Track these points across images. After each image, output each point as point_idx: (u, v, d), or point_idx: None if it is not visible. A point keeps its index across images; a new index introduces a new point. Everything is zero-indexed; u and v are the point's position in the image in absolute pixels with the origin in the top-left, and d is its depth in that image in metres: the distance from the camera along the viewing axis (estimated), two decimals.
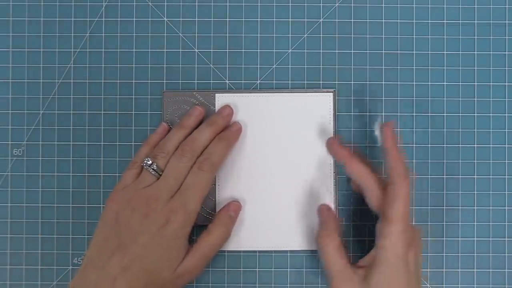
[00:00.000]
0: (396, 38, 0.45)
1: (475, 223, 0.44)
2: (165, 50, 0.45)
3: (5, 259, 0.44)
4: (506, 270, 0.44)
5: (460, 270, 0.44)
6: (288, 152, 0.44)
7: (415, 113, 0.45)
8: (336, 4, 0.45)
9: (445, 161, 0.44)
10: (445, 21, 0.45)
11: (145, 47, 0.45)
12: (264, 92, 0.44)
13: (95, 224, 0.40)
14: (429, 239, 0.44)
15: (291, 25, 0.45)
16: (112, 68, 0.45)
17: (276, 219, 0.43)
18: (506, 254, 0.44)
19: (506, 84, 0.45)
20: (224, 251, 0.44)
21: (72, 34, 0.45)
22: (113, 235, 0.38)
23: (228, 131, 0.42)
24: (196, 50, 0.45)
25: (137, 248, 0.38)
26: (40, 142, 0.44)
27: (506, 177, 0.44)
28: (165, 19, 0.45)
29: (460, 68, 0.45)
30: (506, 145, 0.44)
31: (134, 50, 0.45)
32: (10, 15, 0.45)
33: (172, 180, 0.39)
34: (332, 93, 0.44)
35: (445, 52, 0.45)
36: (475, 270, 0.44)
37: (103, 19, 0.45)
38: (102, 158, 0.44)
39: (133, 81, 0.45)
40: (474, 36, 0.45)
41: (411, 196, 0.44)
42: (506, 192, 0.44)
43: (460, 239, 0.44)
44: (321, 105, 0.44)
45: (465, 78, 0.45)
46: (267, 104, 0.44)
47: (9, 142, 0.45)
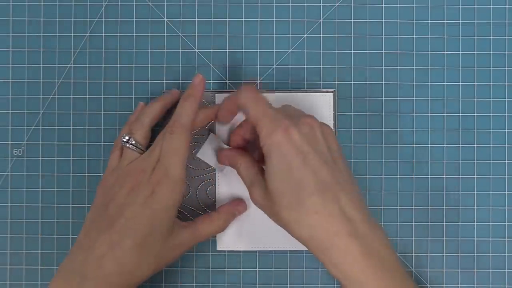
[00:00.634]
0: (396, 38, 0.45)
1: (475, 223, 0.44)
2: (165, 50, 0.45)
3: (5, 259, 0.44)
4: (506, 270, 0.44)
5: (460, 270, 0.44)
6: None
7: (415, 113, 0.45)
8: (336, 4, 0.45)
9: (445, 161, 0.44)
10: (445, 21, 0.45)
11: (145, 47, 0.45)
12: (264, 92, 0.44)
13: None
14: (429, 239, 0.44)
15: (291, 25, 0.45)
16: (112, 68, 0.45)
17: None
18: (506, 254, 0.44)
19: (506, 84, 0.45)
20: (224, 251, 0.44)
21: (72, 34, 0.45)
22: (101, 215, 0.38)
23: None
24: (196, 50, 0.45)
25: (125, 221, 0.37)
26: (40, 142, 0.44)
27: (506, 177, 0.44)
28: (165, 19, 0.45)
29: (460, 68, 0.45)
30: (506, 145, 0.44)
31: (134, 50, 0.45)
32: (10, 15, 0.45)
33: (157, 151, 0.39)
34: (332, 93, 0.44)
35: (445, 52, 0.45)
36: (475, 270, 0.44)
37: (103, 19, 0.45)
38: (102, 158, 0.44)
39: (133, 81, 0.45)
40: (474, 36, 0.45)
41: (411, 196, 0.44)
42: (506, 192, 0.44)
43: (460, 239, 0.44)
44: (321, 105, 0.44)
45: (465, 78, 0.45)
46: None
47: (9, 142, 0.45)
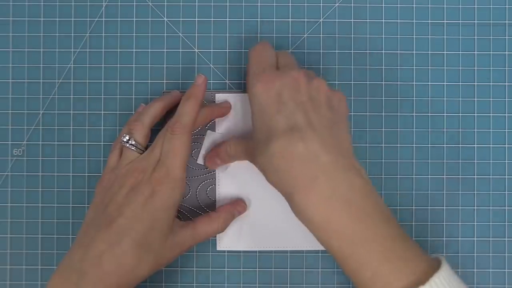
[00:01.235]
0: (396, 38, 0.45)
1: (475, 223, 0.44)
2: (165, 50, 0.45)
3: (5, 259, 0.44)
4: (506, 270, 0.44)
5: (460, 270, 0.44)
6: None
7: (415, 113, 0.45)
8: (336, 4, 0.45)
9: (445, 161, 0.44)
10: (445, 21, 0.45)
11: (145, 47, 0.45)
12: None
13: None
14: (429, 239, 0.44)
15: (291, 25, 0.45)
16: (112, 68, 0.45)
17: (277, 219, 0.43)
18: (506, 254, 0.44)
19: (506, 84, 0.45)
20: (224, 251, 0.44)
21: (72, 34, 0.45)
22: (101, 214, 0.38)
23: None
24: (196, 50, 0.45)
25: (124, 221, 0.37)
26: (40, 142, 0.44)
27: (506, 177, 0.44)
28: (165, 19, 0.45)
29: (460, 68, 0.45)
30: (506, 145, 0.44)
31: (134, 50, 0.45)
32: (10, 15, 0.45)
33: (157, 151, 0.39)
34: None
35: (445, 52, 0.45)
36: (475, 270, 0.44)
37: (103, 19, 0.45)
38: (102, 158, 0.44)
39: (133, 81, 0.45)
40: (474, 36, 0.45)
41: (412, 196, 0.44)
42: (506, 192, 0.44)
43: (460, 239, 0.44)
44: None
45: (465, 78, 0.45)
46: None
47: (9, 142, 0.45)
